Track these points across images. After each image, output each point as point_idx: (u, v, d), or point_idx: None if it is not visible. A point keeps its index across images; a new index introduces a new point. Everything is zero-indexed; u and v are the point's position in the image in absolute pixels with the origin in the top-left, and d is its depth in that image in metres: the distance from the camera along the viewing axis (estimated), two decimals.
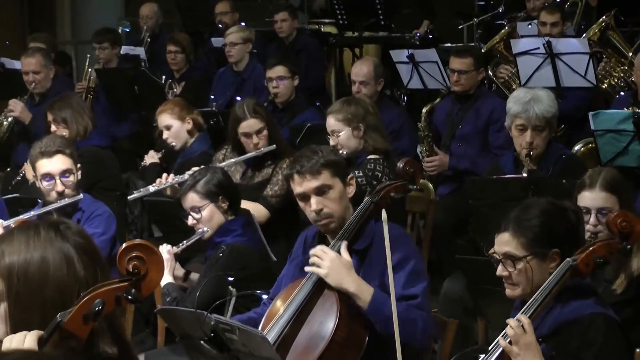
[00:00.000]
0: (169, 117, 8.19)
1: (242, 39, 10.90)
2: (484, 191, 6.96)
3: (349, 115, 7.15)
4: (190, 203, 6.04)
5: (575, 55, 8.75)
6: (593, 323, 4.14)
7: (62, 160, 6.29)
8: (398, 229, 5.11)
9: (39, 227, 3.11)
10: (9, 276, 3.00)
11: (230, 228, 6.06)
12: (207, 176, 6.12)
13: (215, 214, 6.04)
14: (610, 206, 5.15)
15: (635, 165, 7.07)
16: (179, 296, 5.71)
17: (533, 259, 4.24)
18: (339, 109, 7.25)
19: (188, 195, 6.05)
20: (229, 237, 6.01)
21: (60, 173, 6.28)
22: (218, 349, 3.88)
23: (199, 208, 6.01)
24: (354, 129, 7.13)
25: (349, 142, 7.12)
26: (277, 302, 4.95)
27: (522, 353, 4.00)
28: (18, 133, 9.57)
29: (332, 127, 7.20)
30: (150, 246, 3.31)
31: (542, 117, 6.77)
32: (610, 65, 9.57)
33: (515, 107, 6.83)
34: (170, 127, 8.16)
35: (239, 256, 5.90)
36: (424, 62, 9.50)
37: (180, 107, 8.37)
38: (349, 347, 4.72)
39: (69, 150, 6.34)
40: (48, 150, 6.28)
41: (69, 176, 6.31)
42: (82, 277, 3.05)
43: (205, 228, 6.00)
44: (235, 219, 6.13)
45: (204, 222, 6.01)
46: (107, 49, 11.59)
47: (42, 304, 3.00)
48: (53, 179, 6.28)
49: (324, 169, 4.92)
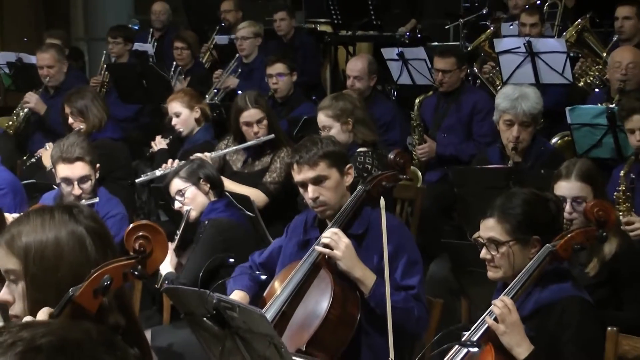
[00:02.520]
0: (179, 105, 8.25)
1: (252, 33, 11.00)
2: (468, 180, 6.98)
3: (338, 111, 7.13)
4: (175, 188, 6.08)
5: (553, 54, 8.76)
6: (570, 305, 4.16)
7: (81, 167, 6.20)
8: (396, 220, 5.14)
9: (53, 210, 3.12)
10: (25, 257, 3.00)
11: (213, 207, 6.08)
12: (189, 164, 6.22)
13: (198, 195, 6.07)
14: (584, 195, 5.14)
15: (608, 156, 7.08)
16: (174, 278, 5.70)
17: (515, 244, 4.24)
18: (328, 105, 7.23)
19: (172, 181, 6.11)
20: (212, 215, 6.02)
21: (78, 179, 6.19)
22: (219, 326, 3.86)
23: (182, 191, 6.05)
24: (343, 124, 7.11)
25: (339, 136, 6.99)
26: (275, 282, 4.97)
27: (508, 331, 4.00)
28: (34, 123, 9.57)
29: (323, 123, 7.18)
30: (155, 227, 3.35)
31: (529, 114, 6.77)
32: (586, 65, 9.58)
33: (503, 103, 6.83)
34: (180, 114, 8.21)
35: (221, 229, 5.93)
36: (413, 60, 9.51)
37: (190, 96, 8.43)
38: (342, 325, 4.72)
39: (89, 157, 6.23)
40: (69, 157, 6.18)
41: (86, 182, 6.21)
42: (93, 258, 3.05)
43: (190, 207, 6.02)
44: (218, 200, 6.14)
45: (188, 203, 6.04)
46: (120, 44, 11.62)
47: (57, 284, 3.00)
48: (72, 183, 6.19)
49: (321, 161, 4.91)
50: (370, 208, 4.98)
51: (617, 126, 6.90)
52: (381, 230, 4.52)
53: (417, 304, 4.76)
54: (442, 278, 6.69)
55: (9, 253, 3.03)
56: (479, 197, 5.98)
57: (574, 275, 4.49)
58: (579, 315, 4.13)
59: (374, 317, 4.75)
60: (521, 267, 4.21)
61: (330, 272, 4.78)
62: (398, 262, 4.81)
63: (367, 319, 4.76)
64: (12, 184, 6.86)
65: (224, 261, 5.59)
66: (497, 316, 4.01)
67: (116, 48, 11.65)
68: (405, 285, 4.78)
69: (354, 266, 4.73)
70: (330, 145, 5.06)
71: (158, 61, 11.65)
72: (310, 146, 4.98)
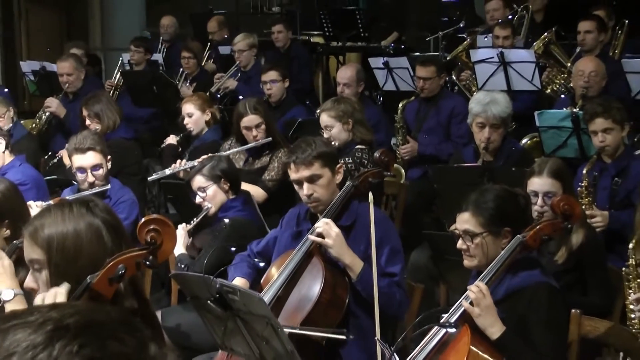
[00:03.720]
0: (193, 106, 8.30)
1: (247, 45, 10.97)
2: (446, 177, 6.99)
3: (340, 112, 7.19)
4: (197, 184, 6.04)
5: (523, 64, 8.78)
6: (538, 291, 4.16)
7: (93, 156, 6.26)
8: (381, 212, 5.13)
9: (72, 204, 3.13)
10: (48, 248, 3.01)
11: (231, 205, 6.06)
12: (212, 162, 6.12)
13: (218, 194, 6.04)
14: (555, 190, 5.14)
15: (573, 156, 7.09)
16: (190, 263, 5.70)
17: (488, 235, 4.23)
18: (330, 107, 7.28)
19: (195, 177, 6.06)
20: (230, 213, 6.00)
21: (91, 167, 6.26)
22: (222, 308, 3.86)
23: (204, 188, 6.01)
24: (343, 124, 7.17)
25: (339, 135, 7.16)
26: (272, 269, 4.96)
27: (482, 313, 4.00)
28: (55, 126, 9.57)
29: (325, 123, 7.22)
30: (165, 220, 3.35)
31: (498, 117, 6.78)
32: (552, 74, 9.62)
33: (476, 108, 6.85)
34: (192, 115, 8.26)
35: (240, 228, 5.89)
36: (397, 68, 9.52)
37: (203, 100, 8.52)
38: (332, 307, 4.72)
39: (99, 147, 6.30)
40: (81, 147, 6.26)
41: (99, 170, 6.28)
42: (109, 248, 3.06)
43: (210, 205, 5.99)
44: (235, 197, 6.11)
45: (209, 200, 6.01)
46: (141, 52, 11.65)
47: (77, 272, 3.01)
48: (85, 171, 6.26)
49: (315, 161, 4.90)
50: (358, 202, 4.98)
51: (581, 129, 6.92)
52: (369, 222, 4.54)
53: (399, 289, 4.76)
54: (423, 265, 6.68)
55: (33, 244, 3.03)
56: (456, 192, 5.96)
57: (543, 263, 4.49)
58: (546, 300, 4.13)
59: (361, 300, 4.74)
60: (494, 255, 4.21)
61: (322, 259, 4.78)
62: (382, 251, 4.80)
63: (355, 302, 4.76)
64: (36, 179, 6.90)
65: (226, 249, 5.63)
66: (472, 300, 4.01)
67: (137, 56, 11.66)
68: (389, 272, 4.78)
69: (343, 254, 4.72)
70: (323, 146, 5.06)
71: (167, 69, 11.71)
72: (305, 147, 4.96)
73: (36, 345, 1.36)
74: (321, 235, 4.73)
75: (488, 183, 5.70)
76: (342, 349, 4.73)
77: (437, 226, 7.16)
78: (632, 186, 5.96)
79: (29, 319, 1.41)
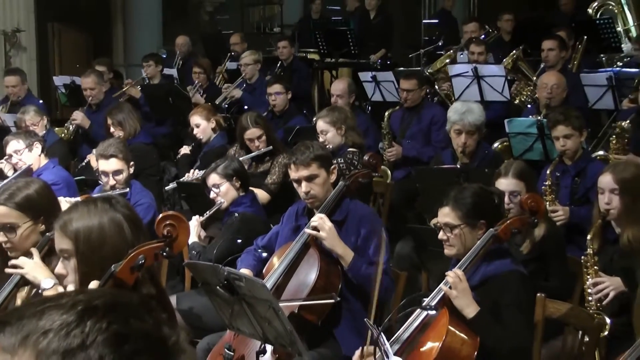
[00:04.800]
0: (199, 117, 8.31)
1: (253, 60, 11.01)
2: (427, 177, 6.99)
3: (334, 119, 7.22)
4: (212, 181, 6.05)
5: (494, 77, 8.81)
6: (509, 277, 4.16)
7: (115, 163, 6.27)
8: (368, 209, 5.13)
9: (96, 200, 3.15)
10: (76, 239, 3.03)
11: (241, 201, 6.06)
12: (226, 162, 6.14)
13: (230, 190, 6.03)
14: (519, 190, 5.15)
15: (538, 158, 7.09)
16: (202, 251, 5.71)
17: (466, 227, 4.23)
18: (326, 114, 7.33)
19: (211, 175, 6.07)
20: (240, 208, 6.02)
21: (113, 172, 6.27)
22: (229, 293, 3.85)
23: (218, 185, 6.02)
24: (337, 129, 7.20)
25: (334, 139, 7.17)
26: (273, 258, 4.96)
27: (459, 296, 4.00)
28: (81, 135, 9.56)
29: (321, 128, 7.26)
30: (180, 216, 3.38)
31: (473, 124, 6.79)
32: (520, 86, 9.66)
33: (454, 116, 6.86)
34: (199, 125, 8.26)
35: (248, 221, 5.91)
36: (384, 82, 9.52)
37: (207, 110, 8.53)
38: (326, 292, 4.68)
39: (122, 155, 6.30)
40: (105, 154, 6.29)
41: (119, 175, 6.28)
42: (130, 240, 3.07)
43: (222, 200, 6.00)
44: (245, 195, 6.12)
45: (221, 196, 6.02)
46: (151, 66, 11.59)
47: (101, 260, 3.02)
48: (108, 175, 6.28)
49: (313, 162, 4.91)
50: (349, 199, 4.98)
51: (545, 134, 6.91)
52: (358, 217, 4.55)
53: (386, 277, 4.74)
54: (407, 255, 6.67)
55: (63, 236, 3.05)
56: (436, 190, 5.95)
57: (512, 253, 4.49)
58: (516, 285, 4.13)
59: (352, 286, 4.75)
60: (471, 245, 4.21)
61: (317, 250, 4.78)
62: (371, 242, 4.80)
63: (346, 288, 4.75)
64: (66, 180, 6.92)
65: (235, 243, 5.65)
66: (450, 284, 4.01)
67: (149, 70, 11.62)
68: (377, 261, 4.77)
69: (336, 245, 4.72)
70: (319, 149, 5.07)
71: (181, 82, 11.72)
72: (304, 150, 4.97)
73: (69, 323, 1.38)
74: (316, 229, 4.74)
75: (464, 183, 5.69)
76: (335, 329, 4.73)
77: (419, 221, 7.15)
78: (590, 185, 5.95)
79: (61, 301, 1.42)
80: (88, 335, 1.37)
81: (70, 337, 1.36)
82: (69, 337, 1.36)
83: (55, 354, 1.36)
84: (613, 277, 4.86)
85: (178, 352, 1.45)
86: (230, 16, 18.24)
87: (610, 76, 8.28)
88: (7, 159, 7.02)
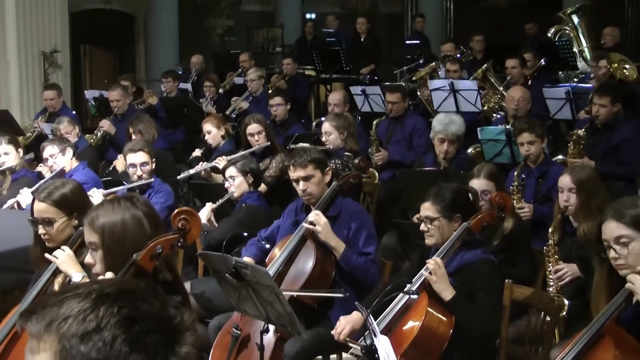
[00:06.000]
0: (210, 125, 8.29)
1: (257, 76, 11.03)
2: (410, 178, 6.99)
3: (339, 124, 7.30)
4: (229, 173, 6.17)
5: (468, 91, 8.82)
6: (482, 265, 4.16)
7: (142, 155, 6.33)
8: (359, 206, 5.14)
9: (119, 199, 3.16)
10: (102, 233, 3.06)
11: (250, 195, 6.14)
12: (245, 160, 6.27)
13: (243, 184, 6.13)
14: (490, 189, 5.14)
15: (507, 162, 7.08)
16: (208, 230, 5.82)
17: (444, 220, 4.23)
18: (333, 119, 7.42)
19: (230, 167, 6.19)
20: (248, 200, 6.09)
21: (140, 163, 6.32)
22: (237, 280, 3.84)
23: (234, 177, 6.12)
24: (340, 133, 7.27)
25: (335, 141, 7.25)
26: (275, 249, 4.96)
27: (438, 281, 4.00)
28: (108, 141, 9.56)
29: (326, 129, 7.33)
30: (193, 211, 3.41)
31: (455, 134, 6.81)
32: (489, 95, 9.65)
33: (438, 126, 6.87)
34: (211, 132, 8.25)
35: (253, 212, 5.97)
36: (372, 94, 9.53)
37: (218, 119, 8.52)
38: (322, 279, 4.71)
39: (147, 149, 6.40)
40: (134, 148, 6.37)
41: (146, 166, 6.34)
42: (148, 233, 3.07)
43: (234, 190, 6.09)
44: (254, 190, 6.20)
45: (235, 187, 6.11)
46: (170, 82, 11.57)
47: (124, 251, 3.04)
48: (136, 166, 6.33)
49: (309, 164, 4.90)
50: (342, 197, 4.97)
51: (512, 141, 6.91)
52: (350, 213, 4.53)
53: (373, 265, 4.75)
54: (392, 246, 6.65)
55: (91, 230, 3.07)
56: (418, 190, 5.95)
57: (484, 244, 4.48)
58: (488, 271, 4.13)
59: (344, 274, 4.75)
60: (448, 236, 4.21)
61: (313, 242, 4.77)
62: (361, 235, 4.80)
63: (339, 275, 4.75)
64: (95, 180, 6.92)
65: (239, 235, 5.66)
66: (430, 270, 4.01)
67: (167, 85, 11.59)
68: (365, 252, 4.77)
69: (330, 238, 4.71)
70: (315, 153, 5.07)
71: (195, 95, 11.75)
72: (302, 153, 4.99)
73: (86, 309, 1.40)
74: (313, 224, 4.74)
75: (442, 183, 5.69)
76: (330, 310, 4.72)
77: (403, 216, 7.13)
78: (551, 185, 5.95)
79: (78, 291, 1.45)
80: (102, 319, 1.39)
81: (87, 322, 1.39)
82: (86, 321, 1.39)
83: (74, 337, 1.38)
84: (571, 264, 4.86)
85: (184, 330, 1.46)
86: (237, 38, 18.29)
87: (568, 90, 8.32)
88: (44, 162, 7.06)
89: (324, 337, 4.49)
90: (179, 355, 1.44)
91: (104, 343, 1.37)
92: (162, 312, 1.45)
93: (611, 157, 6.98)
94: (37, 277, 3.80)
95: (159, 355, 1.41)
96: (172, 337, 1.44)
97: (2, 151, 7.17)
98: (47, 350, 1.40)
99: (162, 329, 1.43)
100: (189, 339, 1.46)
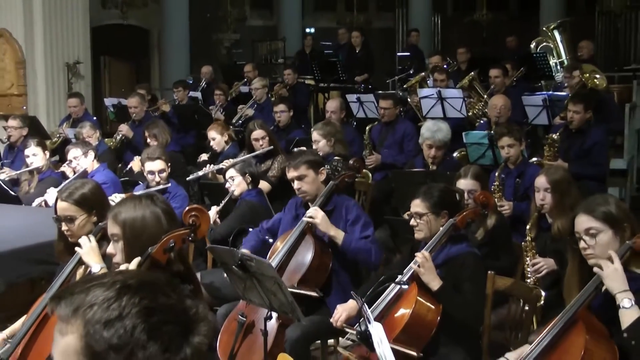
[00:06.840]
0: (215, 132, 8.29)
1: (261, 85, 11.00)
2: (401, 179, 6.98)
3: (326, 132, 7.22)
4: (230, 174, 6.17)
5: (454, 99, 8.80)
6: (467, 257, 4.14)
7: (159, 163, 6.31)
8: (352, 200, 5.13)
9: (140, 197, 3.19)
10: (123, 226, 3.07)
11: (249, 193, 6.13)
12: (245, 163, 6.26)
13: (242, 183, 6.12)
14: (475, 189, 5.13)
15: (489, 164, 7.07)
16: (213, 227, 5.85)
17: (432, 215, 4.22)
18: (320, 128, 7.33)
19: (229, 169, 6.20)
20: (248, 197, 6.09)
21: (158, 171, 6.31)
22: (243, 271, 3.84)
23: (234, 177, 6.13)
24: (327, 140, 7.18)
25: (324, 148, 7.16)
26: (277, 242, 4.93)
27: (426, 272, 3.98)
28: (126, 144, 9.56)
29: (315, 138, 7.26)
30: (202, 209, 3.42)
31: (442, 141, 6.80)
32: (473, 102, 9.63)
33: (426, 133, 6.85)
34: (215, 138, 8.25)
35: (252, 208, 5.97)
36: (366, 102, 9.50)
37: (222, 126, 8.49)
38: (320, 270, 4.71)
39: (164, 157, 6.38)
40: (152, 156, 6.33)
41: (163, 173, 6.32)
42: (165, 228, 3.08)
43: (234, 189, 6.10)
44: (252, 189, 6.18)
45: (234, 186, 6.11)
46: (181, 91, 11.56)
47: (142, 244, 3.06)
48: (154, 174, 6.31)
49: (302, 165, 4.92)
50: (337, 195, 4.97)
51: (494, 144, 6.90)
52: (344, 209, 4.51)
53: (374, 245, 4.73)
54: (384, 241, 6.65)
55: (114, 223, 3.10)
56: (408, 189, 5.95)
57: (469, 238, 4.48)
58: (472, 263, 4.12)
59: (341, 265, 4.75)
60: (435, 231, 4.19)
61: (312, 235, 4.77)
62: (357, 224, 4.79)
63: (338, 264, 4.75)
64: (114, 180, 6.93)
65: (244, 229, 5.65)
66: (419, 263, 4.00)
67: (179, 94, 11.58)
68: (364, 235, 4.75)
69: (329, 228, 4.71)
70: (310, 155, 5.09)
71: (204, 102, 11.72)
72: (297, 156, 5.04)
73: (110, 298, 1.41)
74: (312, 217, 4.73)
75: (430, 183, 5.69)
76: (328, 299, 4.72)
77: (394, 213, 7.13)
78: (528, 185, 5.96)
79: (103, 280, 1.46)
80: (124, 308, 1.40)
81: (110, 310, 1.40)
82: (109, 309, 1.40)
83: (98, 323, 1.39)
84: (548, 259, 4.87)
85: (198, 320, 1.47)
86: (243, 50, 18.31)
87: (545, 98, 8.33)
88: (68, 163, 7.08)
89: (323, 323, 4.49)
90: (192, 344, 1.44)
91: (124, 330, 1.38)
92: (179, 304, 1.46)
93: (583, 159, 7.00)
94: (61, 269, 3.82)
95: (173, 344, 1.42)
96: (187, 327, 1.45)
97: (31, 152, 7.25)
98: (74, 333, 1.41)
99: (178, 321, 1.44)
100: (202, 329, 1.46)
